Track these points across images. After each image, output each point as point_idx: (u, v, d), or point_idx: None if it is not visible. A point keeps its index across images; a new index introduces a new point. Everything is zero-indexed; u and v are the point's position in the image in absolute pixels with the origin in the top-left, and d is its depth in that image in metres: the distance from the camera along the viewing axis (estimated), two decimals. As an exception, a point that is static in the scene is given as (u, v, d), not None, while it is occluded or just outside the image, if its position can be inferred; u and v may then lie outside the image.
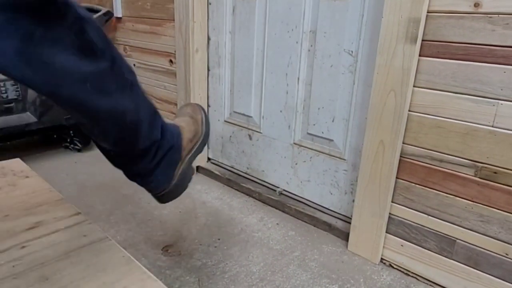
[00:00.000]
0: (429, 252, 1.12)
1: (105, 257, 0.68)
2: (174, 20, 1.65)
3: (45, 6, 0.61)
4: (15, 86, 1.73)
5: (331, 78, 1.31)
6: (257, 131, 1.61)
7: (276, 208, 1.53)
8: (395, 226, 1.18)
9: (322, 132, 1.38)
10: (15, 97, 1.74)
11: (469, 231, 1.03)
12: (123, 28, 2.01)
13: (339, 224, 1.38)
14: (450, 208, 1.05)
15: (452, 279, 1.09)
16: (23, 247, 0.69)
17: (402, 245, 1.17)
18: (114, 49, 0.69)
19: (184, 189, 0.99)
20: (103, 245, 0.71)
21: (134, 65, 1.82)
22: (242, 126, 1.66)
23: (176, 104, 1.78)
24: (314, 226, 1.41)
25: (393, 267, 1.21)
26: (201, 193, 1.63)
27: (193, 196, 1.60)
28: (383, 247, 1.21)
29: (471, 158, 0.99)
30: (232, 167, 1.76)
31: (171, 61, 1.74)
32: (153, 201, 1.52)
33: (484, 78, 0.93)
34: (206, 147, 1.82)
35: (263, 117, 1.57)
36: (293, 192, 1.54)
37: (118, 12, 1.99)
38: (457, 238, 1.06)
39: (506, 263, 0.98)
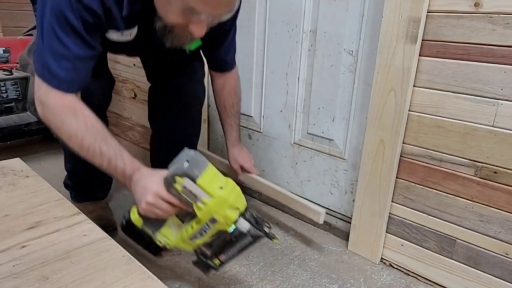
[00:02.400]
0: (429, 252, 1.12)
1: (105, 257, 0.68)
2: (174, 19, 1.65)
3: None
4: (15, 86, 1.73)
5: (331, 78, 1.31)
6: (257, 131, 1.60)
7: (276, 208, 1.52)
8: (395, 226, 1.18)
9: (322, 132, 1.38)
10: (16, 96, 1.74)
11: (469, 230, 1.03)
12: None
13: (339, 223, 1.38)
14: (450, 207, 1.05)
15: (452, 279, 1.09)
16: (23, 246, 0.69)
17: (402, 245, 1.17)
18: None
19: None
20: (103, 245, 0.71)
21: (134, 64, 1.81)
22: (242, 126, 1.66)
23: (176, 104, 1.78)
24: (314, 225, 1.41)
25: (393, 266, 1.21)
26: (201, 192, 1.63)
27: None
28: (383, 246, 1.21)
29: (471, 157, 0.99)
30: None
31: (171, 60, 1.74)
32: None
33: (484, 78, 0.93)
34: (206, 148, 1.82)
35: (263, 116, 1.57)
36: (293, 191, 1.54)
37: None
38: (457, 238, 1.06)
39: (506, 263, 0.98)
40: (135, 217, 0.88)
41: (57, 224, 0.76)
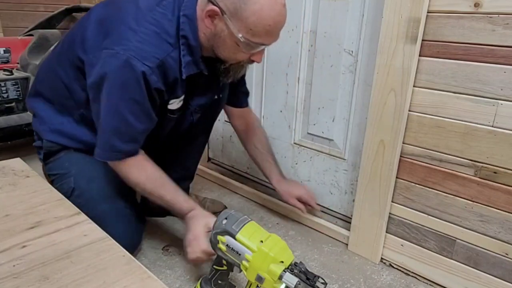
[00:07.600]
0: (429, 252, 1.12)
1: (105, 257, 0.68)
2: (174, 20, 1.65)
3: None
4: (16, 86, 1.74)
5: (331, 78, 1.31)
6: (257, 131, 1.60)
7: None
8: (395, 226, 1.18)
9: (322, 132, 1.38)
10: (16, 96, 1.75)
11: (469, 231, 1.03)
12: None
13: (339, 224, 1.38)
14: (450, 208, 1.05)
15: (452, 279, 1.09)
16: (24, 246, 0.69)
17: (402, 245, 1.17)
18: None
19: None
20: (103, 245, 0.71)
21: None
22: (242, 126, 1.66)
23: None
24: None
25: (393, 266, 1.21)
26: (201, 192, 1.63)
27: (194, 195, 1.60)
28: (383, 246, 1.21)
29: (471, 158, 0.99)
30: (232, 167, 1.76)
31: (171, 60, 1.74)
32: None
33: (484, 78, 0.93)
34: (206, 147, 1.82)
35: (263, 117, 1.57)
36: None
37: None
38: (457, 238, 1.06)
39: (506, 263, 0.98)
40: None
41: (58, 224, 0.76)
